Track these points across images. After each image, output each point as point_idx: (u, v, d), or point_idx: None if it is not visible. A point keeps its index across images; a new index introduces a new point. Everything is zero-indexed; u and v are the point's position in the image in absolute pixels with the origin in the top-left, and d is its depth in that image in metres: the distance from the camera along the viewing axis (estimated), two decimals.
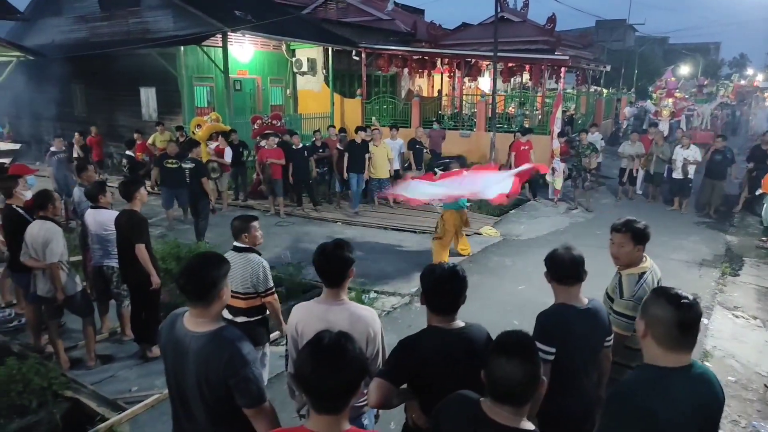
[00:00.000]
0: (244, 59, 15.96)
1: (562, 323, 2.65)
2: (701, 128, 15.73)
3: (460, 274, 2.37)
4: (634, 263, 3.24)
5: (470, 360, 2.29)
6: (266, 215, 10.56)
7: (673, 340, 1.91)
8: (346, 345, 1.69)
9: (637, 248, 3.25)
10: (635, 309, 3.10)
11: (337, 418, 1.65)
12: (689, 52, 46.70)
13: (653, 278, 3.23)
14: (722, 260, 8.02)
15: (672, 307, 1.91)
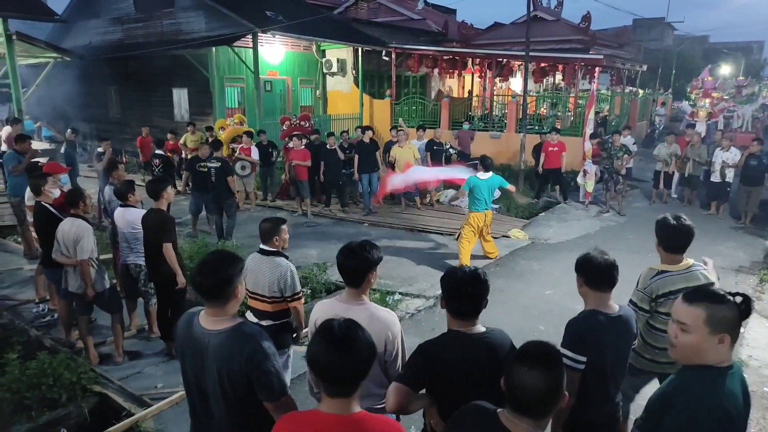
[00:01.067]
0: (274, 60, 16.14)
1: (594, 331, 2.58)
2: (742, 130, 15.22)
3: (482, 278, 2.33)
4: (667, 261, 3.28)
5: (492, 366, 2.24)
6: (294, 216, 10.65)
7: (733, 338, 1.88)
8: (355, 331, 1.75)
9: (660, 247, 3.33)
10: (643, 301, 3.25)
11: (348, 400, 1.74)
12: (731, 50, 45.32)
13: (685, 279, 3.18)
14: (760, 267, 7.73)
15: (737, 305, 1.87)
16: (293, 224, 10.04)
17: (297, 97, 17.52)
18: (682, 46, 41.51)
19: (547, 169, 11.50)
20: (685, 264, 3.26)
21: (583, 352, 2.56)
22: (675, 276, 3.20)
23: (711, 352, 1.85)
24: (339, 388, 1.72)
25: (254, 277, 3.64)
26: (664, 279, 3.21)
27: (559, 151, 11.36)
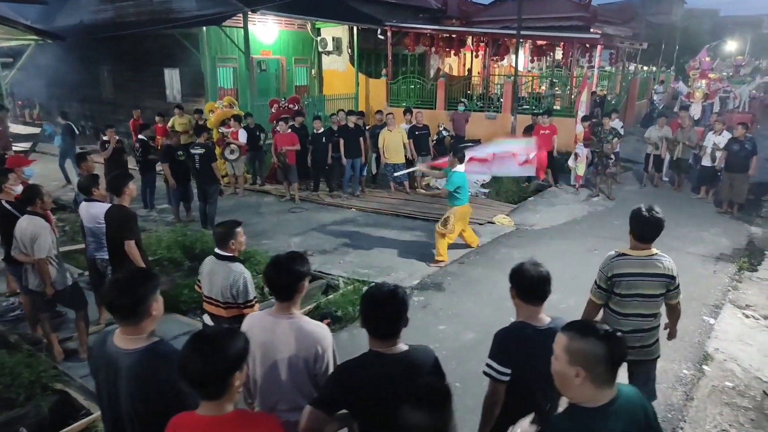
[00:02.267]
0: (267, 39, 15.93)
1: (520, 344, 2.59)
2: (739, 111, 14.95)
3: (398, 297, 2.30)
4: (633, 248, 3.46)
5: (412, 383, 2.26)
6: (281, 201, 10.65)
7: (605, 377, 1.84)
8: (218, 338, 1.89)
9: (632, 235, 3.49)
10: (601, 279, 3.45)
11: (219, 402, 1.86)
12: (740, 25, 44.26)
13: (641, 265, 3.37)
14: (741, 254, 7.68)
15: (603, 343, 1.82)
16: (279, 210, 10.08)
17: (292, 76, 17.34)
18: (688, 21, 40.63)
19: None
20: (648, 252, 3.39)
21: (507, 364, 2.58)
22: (633, 260, 3.37)
23: (575, 388, 1.84)
24: (206, 392, 1.85)
25: (209, 281, 3.64)
26: (621, 260, 3.39)
27: (551, 134, 11.22)
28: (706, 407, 4.34)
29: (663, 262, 3.39)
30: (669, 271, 3.39)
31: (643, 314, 3.44)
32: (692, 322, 5.69)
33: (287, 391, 2.55)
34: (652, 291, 3.40)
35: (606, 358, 1.79)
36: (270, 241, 8.28)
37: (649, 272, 3.36)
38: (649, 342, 3.52)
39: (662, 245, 7.98)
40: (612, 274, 3.37)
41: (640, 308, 3.42)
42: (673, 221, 9.02)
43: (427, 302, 6.10)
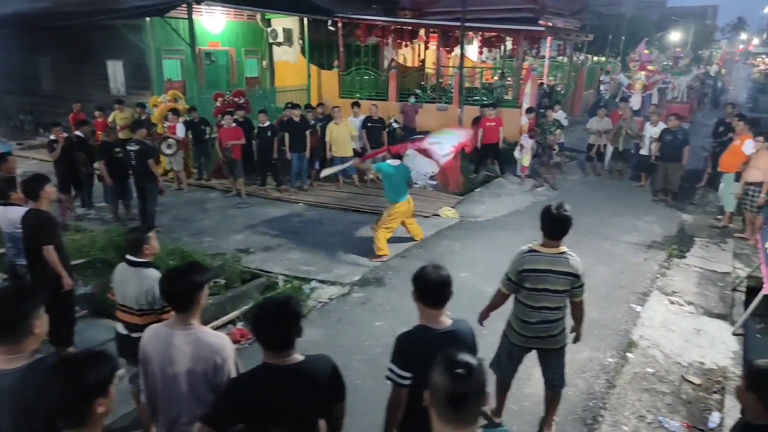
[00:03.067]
0: (215, 30, 15.60)
1: (420, 347, 2.60)
2: (677, 101, 15.52)
3: (289, 308, 2.28)
4: (544, 245, 3.54)
5: (308, 396, 2.26)
6: (227, 196, 10.49)
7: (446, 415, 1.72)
8: (78, 366, 1.78)
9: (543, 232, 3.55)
10: (512, 272, 3.57)
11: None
12: (685, 17, 45.68)
13: (549, 262, 3.48)
14: (672, 242, 8.00)
15: (447, 375, 1.72)
16: (224, 206, 9.93)
17: (242, 68, 17.05)
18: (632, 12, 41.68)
19: (484, 144, 11.54)
20: (558, 250, 3.50)
21: (408, 368, 2.60)
22: (542, 256, 3.49)
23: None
24: (64, 422, 1.74)
25: (122, 289, 3.55)
26: (531, 256, 3.51)
27: (497, 126, 11.39)
28: (627, 394, 4.52)
29: (570, 261, 3.51)
30: (575, 270, 3.51)
31: (550, 307, 3.59)
32: (620, 310, 5.92)
33: (188, 404, 2.53)
34: (558, 287, 3.53)
35: (443, 393, 1.69)
36: (212, 238, 8.15)
37: (556, 269, 3.49)
38: (555, 332, 3.67)
39: (599, 233, 8.30)
40: (522, 269, 3.50)
41: (547, 302, 3.56)
42: (611, 210, 9.39)
43: (367, 298, 6.14)
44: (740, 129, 8.54)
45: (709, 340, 5.38)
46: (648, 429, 4.12)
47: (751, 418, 2.35)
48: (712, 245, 7.91)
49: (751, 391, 2.30)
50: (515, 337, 3.73)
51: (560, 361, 3.82)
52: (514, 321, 3.73)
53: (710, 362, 5.01)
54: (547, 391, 3.91)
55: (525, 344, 3.74)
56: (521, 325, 3.66)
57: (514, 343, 3.76)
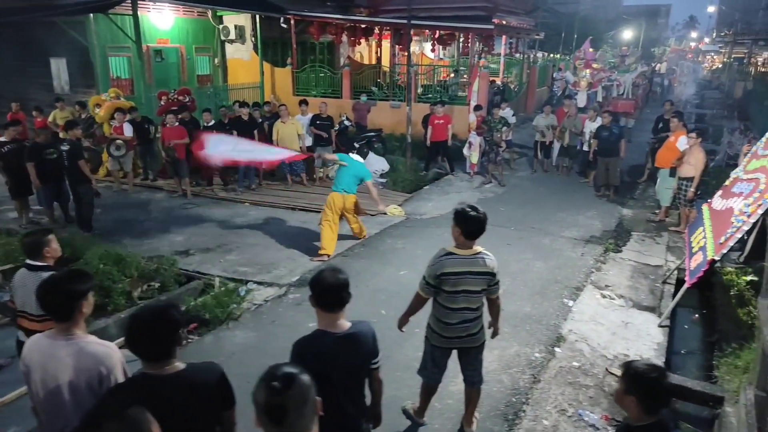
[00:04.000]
0: (164, 27, 15.25)
1: (317, 352, 2.58)
2: (624, 98, 15.95)
3: (166, 317, 2.21)
4: (460, 246, 3.54)
5: (191, 404, 2.21)
6: (173, 197, 10.27)
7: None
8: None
9: (458, 232, 3.53)
10: (430, 276, 3.56)
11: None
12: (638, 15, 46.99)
13: (466, 264, 3.51)
14: (610, 236, 8.19)
15: (263, 388, 1.69)
16: (169, 206, 9.71)
17: (193, 65, 16.73)
18: (596, 10, 42.88)
19: (434, 141, 11.61)
20: (473, 250, 3.55)
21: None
22: (460, 259, 3.50)
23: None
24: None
25: (22, 295, 3.42)
26: (450, 260, 3.50)
27: (445, 124, 11.47)
28: (551, 388, 4.60)
29: (486, 261, 3.57)
30: (491, 269, 3.58)
31: (469, 308, 3.62)
32: (552, 305, 6.02)
33: (72, 416, 2.44)
34: (476, 287, 3.57)
35: (261, 406, 1.67)
36: (152, 240, 7.96)
37: (474, 270, 3.52)
38: (474, 330, 3.71)
39: (540, 229, 8.42)
40: (440, 273, 3.50)
41: (466, 303, 3.60)
42: (555, 206, 9.55)
43: (303, 299, 6.07)
44: (674, 125, 8.81)
45: (635, 333, 5.52)
46: (568, 422, 4.20)
47: (632, 420, 2.37)
48: (648, 239, 8.13)
49: (630, 394, 2.32)
50: (436, 339, 3.75)
51: (479, 359, 3.87)
52: (434, 324, 3.74)
53: (634, 354, 5.14)
54: (467, 389, 3.95)
55: (446, 345, 3.76)
56: (442, 327, 3.68)
57: (436, 346, 3.77)
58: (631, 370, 2.36)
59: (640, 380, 2.30)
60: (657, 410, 2.32)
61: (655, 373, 2.31)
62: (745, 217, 4.72)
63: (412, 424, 4.08)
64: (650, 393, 2.28)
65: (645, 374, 2.30)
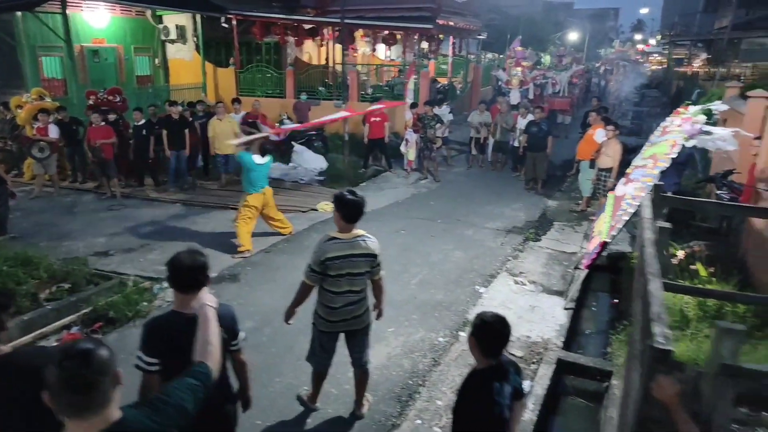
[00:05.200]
0: (99, 26, 14.89)
1: (168, 333, 2.58)
2: (560, 96, 16.47)
3: None
4: (342, 230, 3.64)
5: (21, 386, 2.15)
6: (102, 198, 10.03)
7: None
8: None
9: (338, 216, 3.63)
10: (315, 263, 3.60)
11: None
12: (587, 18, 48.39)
13: (349, 247, 3.60)
14: (532, 226, 8.42)
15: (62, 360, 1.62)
16: (96, 208, 9.48)
17: (132, 66, 16.36)
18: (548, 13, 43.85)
19: (371, 138, 11.70)
20: (354, 234, 3.66)
21: (154, 354, 2.57)
22: (342, 242, 3.61)
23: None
24: None
25: None
26: (333, 244, 3.60)
27: (382, 122, 11.57)
28: (450, 370, 4.71)
29: (367, 243, 3.68)
30: (372, 250, 3.68)
31: (353, 290, 3.70)
32: (464, 292, 6.16)
33: None
34: (359, 269, 3.66)
35: (53, 385, 1.61)
36: (72, 242, 7.76)
37: (356, 253, 3.62)
38: (359, 313, 3.79)
39: (465, 221, 8.57)
40: (325, 258, 3.56)
41: (350, 285, 3.67)
42: (484, 200, 9.76)
43: (217, 295, 5.97)
44: (593, 119, 9.15)
45: (541, 316, 5.71)
46: None
47: (477, 364, 2.62)
48: (568, 228, 8.40)
49: (472, 336, 2.56)
50: (323, 324, 3.80)
51: (365, 340, 3.94)
52: (320, 309, 3.79)
53: (536, 336, 5.31)
54: (356, 371, 4.01)
55: (332, 329, 3.82)
56: (328, 311, 3.74)
57: (324, 331, 3.83)
58: (476, 318, 2.59)
59: (480, 326, 2.54)
60: (494, 353, 2.57)
61: (491, 320, 2.54)
62: (632, 200, 4.94)
63: (305, 411, 4.12)
64: (487, 336, 2.52)
65: (484, 320, 2.54)
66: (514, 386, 2.66)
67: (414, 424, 4.05)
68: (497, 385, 2.53)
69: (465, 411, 2.59)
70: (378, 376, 4.54)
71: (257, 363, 4.72)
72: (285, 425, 3.99)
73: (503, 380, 2.57)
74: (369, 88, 18.63)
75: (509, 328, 2.58)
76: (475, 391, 2.56)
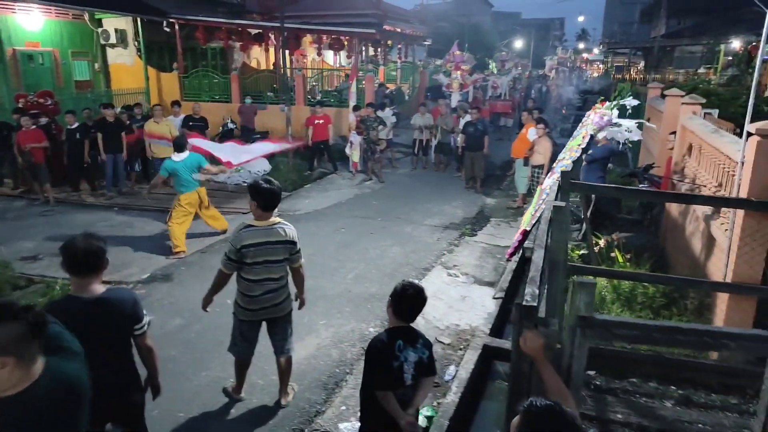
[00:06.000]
0: (33, 29, 14.41)
1: (66, 317, 2.56)
2: (502, 99, 16.98)
3: None
4: (258, 218, 3.69)
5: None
6: (34, 204, 9.71)
7: None
8: None
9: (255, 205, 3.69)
10: (231, 251, 3.66)
11: None
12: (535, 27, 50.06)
13: (265, 234, 3.67)
14: (469, 222, 8.64)
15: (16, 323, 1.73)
16: (27, 214, 9.18)
17: (69, 70, 15.89)
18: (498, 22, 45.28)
19: (315, 141, 11.76)
20: (271, 221, 3.71)
21: None
22: (258, 230, 3.66)
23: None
24: None
25: None
26: (249, 232, 3.64)
27: (325, 124, 11.65)
28: None
29: (285, 230, 3.74)
30: (290, 237, 3.74)
31: (271, 278, 3.74)
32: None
33: None
34: (277, 257, 3.71)
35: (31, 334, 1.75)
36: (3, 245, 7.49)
37: (273, 240, 3.67)
38: (279, 300, 3.84)
39: (405, 219, 8.70)
40: (241, 246, 3.60)
41: (268, 273, 3.72)
42: (424, 198, 9.94)
43: (147, 295, 5.96)
44: (525, 119, 9.50)
45: (470, 305, 5.88)
46: None
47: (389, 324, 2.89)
48: (504, 224, 8.66)
49: (389, 304, 2.85)
50: (243, 313, 3.83)
51: (287, 328, 3.99)
52: (240, 299, 3.82)
53: (465, 324, 5.47)
54: (279, 359, 4.04)
55: (254, 318, 3.85)
56: (247, 300, 3.77)
57: (244, 320, 3.86)
58: (396, 285, 2.83)
59: (398, 291, 2.79)
60: (404, 316, 2.82)
61: (407, 285, 2.80)
62: (549, 190, 5.17)
63: (230, 402, 4.12)
64: (400, 299, 2.78)
65: (398, 287, 2.80)
66: (419, 356, 2.80)
67: (339, 410, 4.11)
68: (400, 342, 2.73)
69: (368, 363, 2.78)
70: (306, 366, 4.59)
71: (184, 358, 4.72)
72: (208, 417, 3.98)
73: (408, 343, 2.76)
74: (318, 93, 18.67)
75: (424, 296, 2.81)
76: (379, 343, 2.77)
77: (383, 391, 2.72)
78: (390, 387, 2.73)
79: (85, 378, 2.01)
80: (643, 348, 4.28)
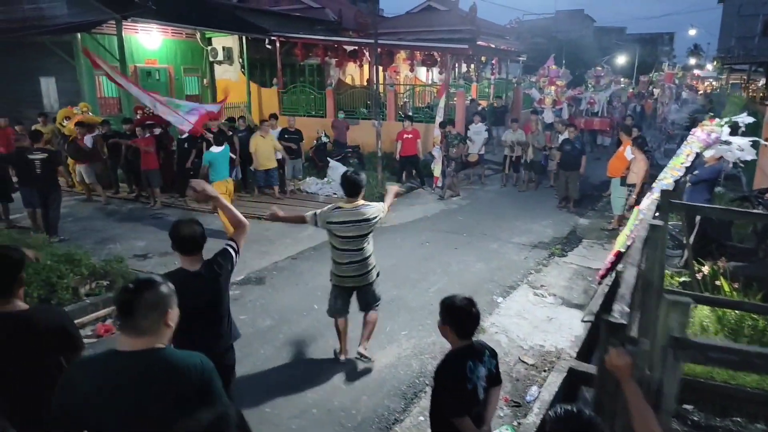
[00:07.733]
0: (152, 47, 15.80)
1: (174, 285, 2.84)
2: (599, 116, 16.24)
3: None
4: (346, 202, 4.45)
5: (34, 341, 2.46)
6: (145, 207, 10.58)
7: None
8: None
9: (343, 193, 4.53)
10: (320, 219, 4.44)
11: None
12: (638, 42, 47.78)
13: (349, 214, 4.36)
14: (559, 242, 8.33)
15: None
16: (139, 216, 10.01)
17: (181, 85, 17.22)
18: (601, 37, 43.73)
19: (403, 156, 11.90)
20: (355, 204, 4.42)
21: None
22: (344, 211, 4.40)
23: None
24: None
25: None
26: (336, 212, 4.40)
27: (414, 138, 11.77)
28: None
29: (365, 210, 4.42)
30: (369, 215, 4.41)
31: (355, 249, 4.44)
32: (481, 300, 6.08)
33: None
34: (360, 232, 4.41)
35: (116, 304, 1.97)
36: (114, 245, 8.21)
37: (354, 219, 4.37)
38: (364, 271, 4.52)
39: (491, 236, 8.59)
40: (328, 220, 4.36)
41: (352, 245, 4.42)
42: (512, 216, 9.75)
43: (241, 296, 6.30)
44: (622, 137, 9.04)
45: (557, 327, 5.66)
46: None
47: (452, 346, 2.75)
48: (597, 245, 8.27)
49: (444, 324, 2.69)
50: (335, 279, 4.60)
51: (371, 291, 4.67)
52: (333, 267, 4.57)
53: (550, 345, 5.28)
54: (364, 314, 4.75)
55: (342, 284, 4.57)
56: (336, 267, 4.53)
57: (336, 285, 4.62)
58: (445, 303, 2.70)
59: (450, 309, 2.66)
60: (466, 334, 2.69)
61: (459, 302, 2.65)
62: (647, 209, 4.89)
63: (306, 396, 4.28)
64: (458, 318, 2.66)
65: (453, 304, 2.66)
66: (488, 368, 2.74)
67: (417, 420, 4.11)
68: (470, 363, 2.62)
69: (440, 388, 2.69)
70: (386, 374, 4.64)
71: (270, 355, 4.95)
72: (290, 414, 4.11)
73: (477, 360, 2.66)
74: (409, 109, 18.89)
75: (477, 308, 2.71)
76: (449, 369, 2.67)
77: (460, 417, 2.61)
78: (467, 411, 2.63)
79: None
80: (751, 384, 3.92)
